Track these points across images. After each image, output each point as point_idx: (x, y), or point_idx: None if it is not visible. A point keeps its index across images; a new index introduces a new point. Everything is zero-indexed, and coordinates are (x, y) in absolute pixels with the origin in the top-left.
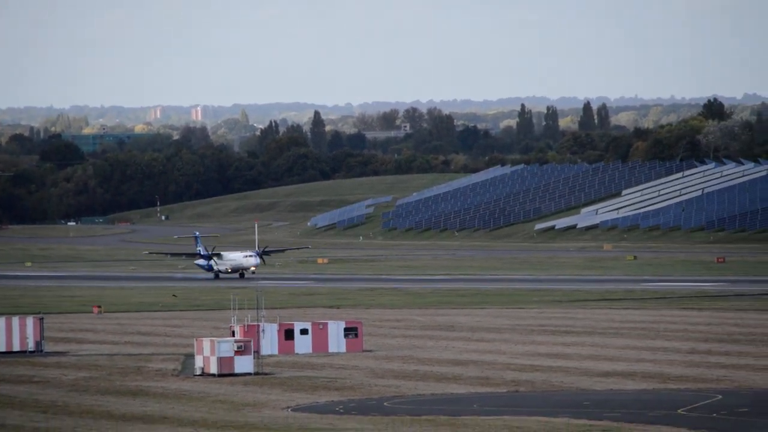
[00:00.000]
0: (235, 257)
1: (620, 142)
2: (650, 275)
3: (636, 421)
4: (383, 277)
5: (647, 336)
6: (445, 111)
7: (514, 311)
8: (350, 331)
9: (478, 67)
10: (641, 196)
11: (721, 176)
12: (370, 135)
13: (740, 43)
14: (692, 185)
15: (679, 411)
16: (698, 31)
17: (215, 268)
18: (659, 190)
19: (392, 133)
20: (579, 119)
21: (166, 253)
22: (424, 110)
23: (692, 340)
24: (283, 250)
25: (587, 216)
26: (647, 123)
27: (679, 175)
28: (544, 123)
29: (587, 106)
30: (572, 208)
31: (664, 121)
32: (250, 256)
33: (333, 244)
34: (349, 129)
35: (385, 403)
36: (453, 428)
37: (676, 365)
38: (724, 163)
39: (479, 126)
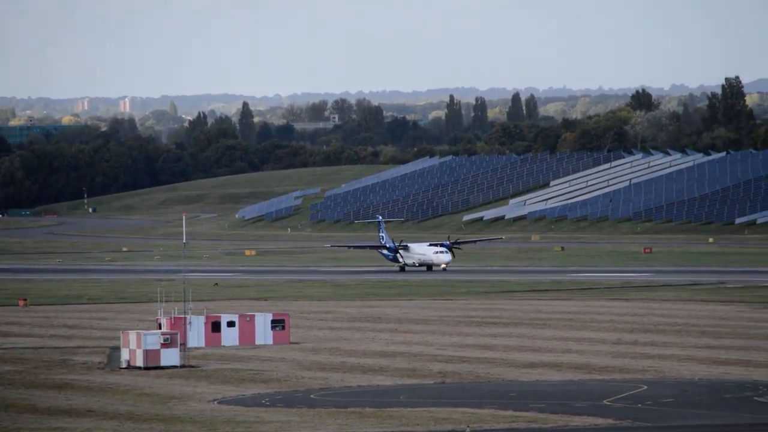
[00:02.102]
0: (424, 252)
1: (548, 132)
2: (577, 266)
3: (562, 411)
4: (311, 268)
5: (573, 327)
6: (374, 102)
7: (442, 302)
8: (277, 324)
9: (407, 58)
10: (569, 186)
11: (649, 167)
12: (298, 126)
13: (667, 34)
14: (620, 176)
15: (604, 401)
16: (625, 21)
17: (401, 261)
18: (587, 181)
19: (321, 125)
20: (507, 110)
21: (349, 246)
22: (353, 101)
23: (618, 331)
24: (474, 242)
25: (515, 207)
26: (575, 114)
27: (607, 165)
28: (472, 114)
29: (516, 97)
30: (500, 199)
31: (592, 111)
32: (442, 252)
33: (261, 236)
34: (277, 120)
35: (311, 396)
36: (379, 420)
37: (602, 356)
38: (652, 154)
39: (408, 117)
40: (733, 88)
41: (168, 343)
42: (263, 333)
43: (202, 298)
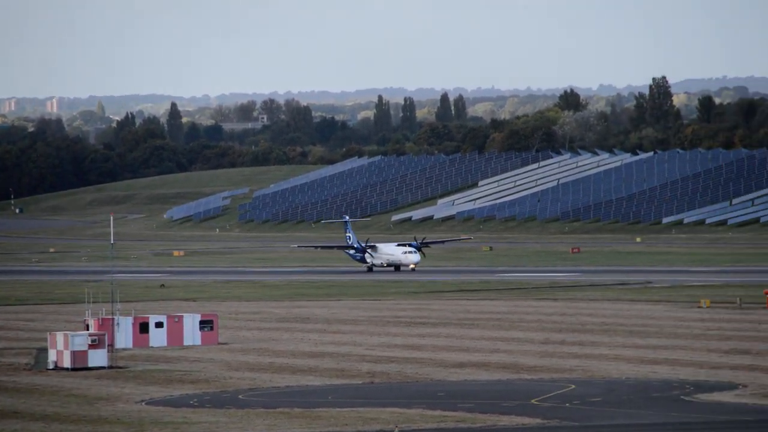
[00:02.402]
0: (393, 252)
1: (477, 133)
2: (506, 266)
3: (490, 411)
4: (239, 269)
5: (502, 327)
6: (303, 102)
7: (371, 303)
8: (205, 324)
9: (336, 59)
10: (498, 186)
11: (577, 167)
12: (227, 127)
13: (595, 34)
14: (548, 176)
15: (532, 401)
16: (553, 22)
17: (369, 261)
18: (515, 181)
19: (249, 125)
20: (436, 110)
21: (316, 246)
22: (281, 102)
23: (546, 331)
24: (443, 242)
25: (444, 207)
26: (504, 114)
27: (535, 165)
28: (401, 114)
29: (444, 98)
30: (429, 199)
31: (520, 112)
32: (411, 252)
33: (189, 237)
34: (206, 121)
35: (240, 396)
36: (308, 420)
37: (530, 355)
38: (580, 154)
39: (337, 117)
40: (660, 88)
41: (95, 344)
42: (191, 334)
43: (130, 299)
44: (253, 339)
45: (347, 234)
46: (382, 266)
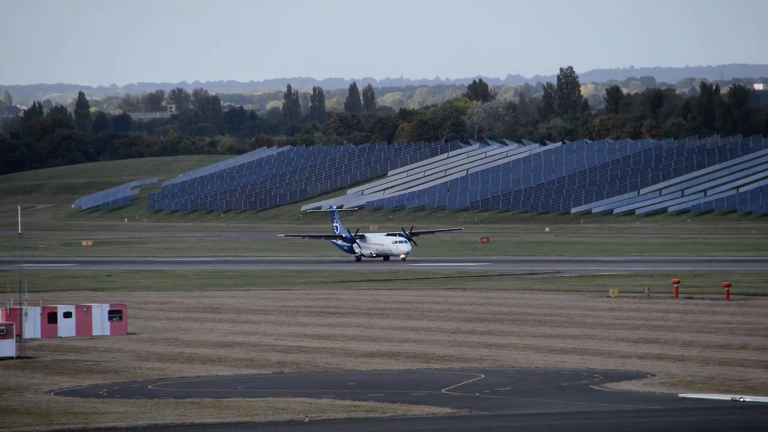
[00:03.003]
0: (382, 242)
1: (386, 123)
2: (415, 255)
3: (400, 401)
4: (148, 259)
5: (412, 316)
6: (212, 92)
7: (280, 292)
8: (114, 314)
9: (245, 48)
10: (407, 176)
11: (486, 157)
12: (135, 116)
13: (504, 24)
14: (457, 166)
15: (442, 390)
16: (461, 12)
17: (358, 251)
18: (424, 171)
19: (158, 115)
20: (345, 100)
21: (303, 235)
22: (190, 91)
23: (456, 320)
24: (432, 232)
25: (353, 197)
26: (413, 104)
27: (444, 155)
28: (310, 104)
29: (353, 87)
30: (338, 189)
31: (429, 102)
32: (402, 242)
33: (98, 227)
34: (114, 110)
35: (149, 386)
36: (218, 410)
37: (440, 345)
38: (489, 144)
39: (246, 107)
40: (568, 79)
41: (3, 335)
42: (100, 324)
43: (38, 289)
44: (162, 329)
45: (334, 224)
46: (371, 256)
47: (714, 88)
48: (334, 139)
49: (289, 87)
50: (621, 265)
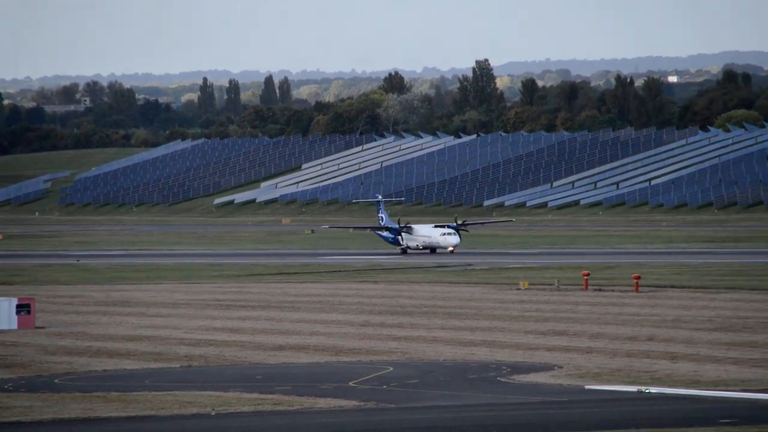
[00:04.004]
0: (429, 234)
1: (301, 116)
2: (327, 248)
3: (307, 394)
4: (59, 252)
5: (322, 309)
6: (127, 85)
7: (191, 286)
8: (22, 308)
9: (160, 41)
10: (321, 169)
11: (400, 150)
12: (49, 109)
13: (420, 16)
14: (371, 159)
15: (350, 383)
16: (377, 3)
17: (404, 243)
18: (339, 164)
19: (72, 107)
20: (261, 93)
21: (349, 227)
22: (104, 84)
23: (366, 313)
24: (482, 223)
25: (267, 190)
26: (328, 97)
27: (359, 148)
28: (225, 97)
29: (269, 80)
30: (253, 182)
31: (345, 94)
32: (450, 234)
33: (9, 221)
34: (27, 103)
35: (56, 380)
36: (124, 404)
37: (349, 338)
38: (404, 137)
39: (161, 100)
40: (483, 71)
41: None
42: (7, 317)
43: None
44: (70, 323)
45: (380, 215)
46: (417, 248)
47: (628, 80)
48: (249, 132)
49: (204, 80)
50: (531, 257)
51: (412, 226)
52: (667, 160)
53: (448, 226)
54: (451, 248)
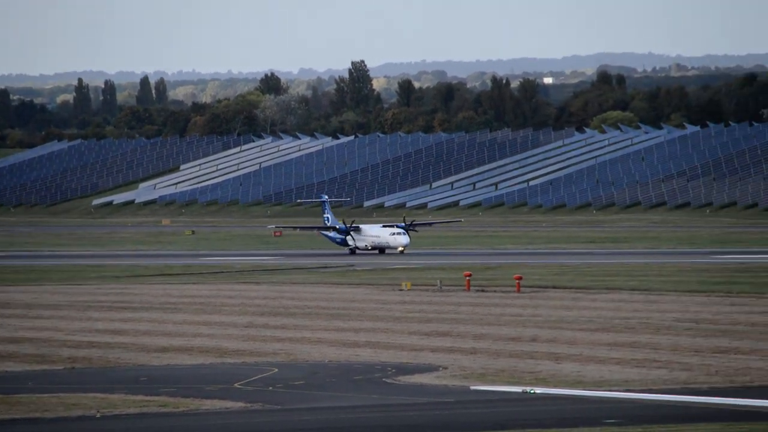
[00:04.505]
0: (378, 233)
1: (178, 116)
2: (209, 249)
3: (192, 395)
4: None
5: (205, 311)
6: (1, 85)
7: (72, 287)
8: None
9: (34, 41)
10: (200, 170)
11: (278, 150)
12: None
13: (295, 17)
14: (250, 160)
15: (235, 385)
16: (251, 4)
17: (352, 244)
18: (217, 165)
19: None
20: (137, 94)
21: (295, 227)
22: None
23: (249, 314)
24: (431, 224)
25: (145, 191)
26: (205, 97)
27: (237, 149)
28: (101, 98)
29: (145, 81)
30: (131, 183)
31: (222, 95)
32: (399, 233)
33: None
34: None
35: None
36: (8, 406)
37: (233, 339)
38: (281, 138)
39: (36, 101)
40: (359, 72)
41: None
42: None
43: None
44: None
45: (325, 215)
46: (366, 249)
47: (504, 81)
48: (126, 133)
49: (80, 80)
50: (413, 258)
51: (361, 226)
52: (545, 161)
53: (397, 226)
54: (401, 248)
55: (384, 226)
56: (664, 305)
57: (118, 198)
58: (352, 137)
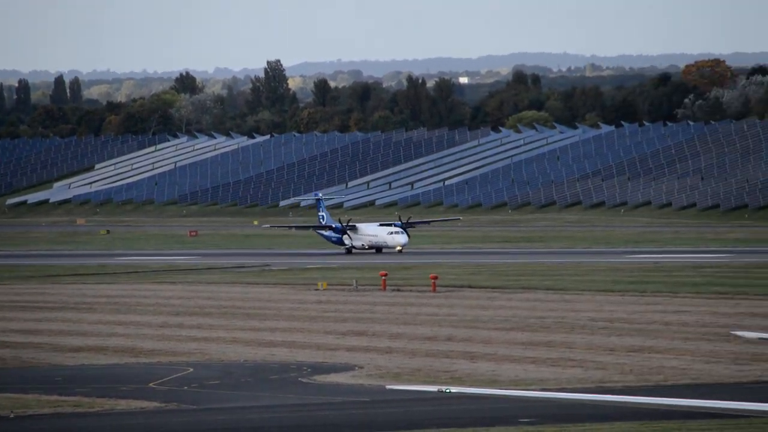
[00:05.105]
0: (376, 232)
1: (93, 116)
2: (124, 249)
3: (108, 395)
4: None
5: (120, 310)
6: None
7: None
8: None
9: None
10: (114, 170)
11: (194, 150)
12: None
13: (210, 16)
14: (165, 159)
15: (150, 384)
16: (167, 4)
17: (348, 243)
18: (132, 164)
19: None
20: (51, 93)
21: (290, 227)
22: None
23: (165, 314)
24: (428, 222)
25: (60, 190)
26: (120, 97)
27: (152, 149)
28: (15, 97)
29: (59, 80)
30: (45, 183)
31: (137, 94)
32: (398, 232)
33: None
34: None
35: None
36: None
37: (148, 339)
38: (197, 137)
39: None
40: (275, 72)
41: None
42: None
43: None
44: None
45: (320, 213)
46: (363, 248)
47: (420, 81)
48: (40, 132)
49: None
50: (330, 257)
51: (357, 225)
52: (460, 161)
53: (395, 225)
54: (399, 247)
55: (381, 225)
56: (579, 305)
57: (33, 197)
58: (267, 137)
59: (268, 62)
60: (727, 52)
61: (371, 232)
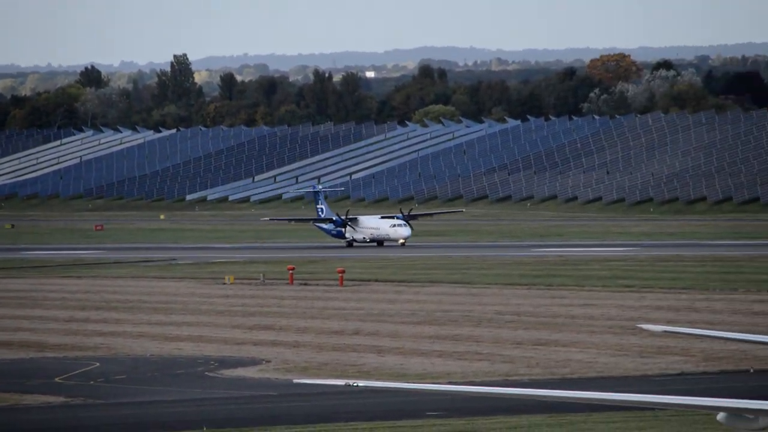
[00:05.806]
0: (378, 225)
1: None
2: (28, 243)
3: (13, 390)
4: None
5: (25, 305)
6: None
7: None
8: None
9: None
10: (19, 164)
11: (99, 144)
12: None
13: (115, 10)
14: (70, 153)
15: (56, 379)
16: None
17: (349, 236)
18: (37, 158)
19: None
20: None
21: (290, 219)
22: None
23: (71, 309)
24: (431, 215)
25: None
26: (25, 91)
27: (57, 143)
28: None
29: None
30: None
31: (41, 88)
32: (400, 225)
33: None
34: None
35: None
36: None
37: (54, 334)
38: (102, 131)
39: None
40: (181, 66)
41: None
42: None
43: None
44: None
45: (319, 206)
46: (365, 241)
47: (327, 75)
48: None
49: None
50: (237, 252)
51: (358, 217)
52: (367, 155)
53: (397, 217)
54: (402, 240)
55: (383, 218)
56: (486, 298)
57: None
58: (174, 130)
59: (174, 56)
60: (632, 46)
61: (373, 224)
